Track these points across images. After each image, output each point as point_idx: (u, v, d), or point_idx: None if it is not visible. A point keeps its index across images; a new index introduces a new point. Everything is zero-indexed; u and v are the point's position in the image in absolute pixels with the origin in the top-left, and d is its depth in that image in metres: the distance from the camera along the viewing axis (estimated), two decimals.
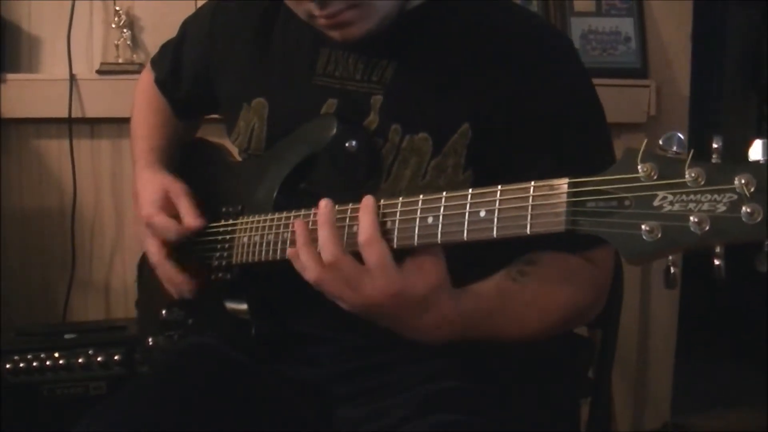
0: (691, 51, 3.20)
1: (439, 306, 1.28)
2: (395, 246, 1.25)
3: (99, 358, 2.45)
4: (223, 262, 1.61)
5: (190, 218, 1.64)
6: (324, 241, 1.29)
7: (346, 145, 1.47)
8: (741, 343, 3.80)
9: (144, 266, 1.89)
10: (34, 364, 2.43)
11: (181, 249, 1.70)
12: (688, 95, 3.21)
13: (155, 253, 1.68)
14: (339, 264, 1.27)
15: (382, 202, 1.28)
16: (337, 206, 1.34)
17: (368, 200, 1.29)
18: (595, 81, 1.54)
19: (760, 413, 3.22)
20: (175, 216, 1.66)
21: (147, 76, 1.97)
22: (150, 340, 1.82)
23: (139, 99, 1.97)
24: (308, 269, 1.32)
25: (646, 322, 3.30)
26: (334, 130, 1.48)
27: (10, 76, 2.81)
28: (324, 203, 1.32)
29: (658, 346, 3.33)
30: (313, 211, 1.37)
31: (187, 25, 1.87)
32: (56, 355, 2.45)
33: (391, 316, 1.29)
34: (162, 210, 1.67)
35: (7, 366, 2.41)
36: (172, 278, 1.67)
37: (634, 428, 3.33)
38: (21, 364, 2.42)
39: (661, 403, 3.36)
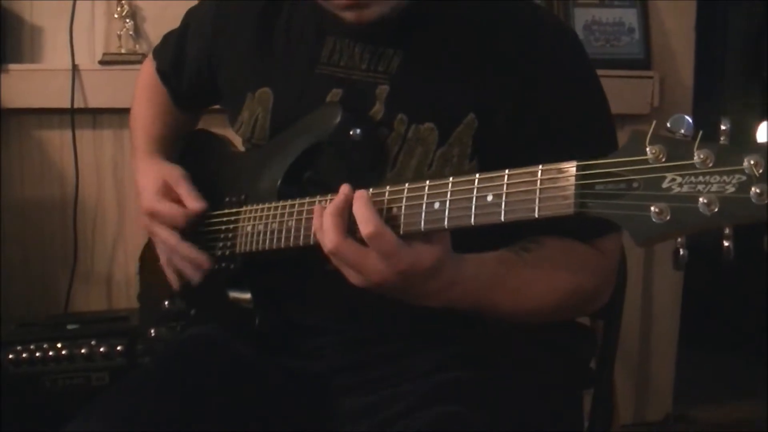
0: (694, 42, 3.20)
1: (444, 271, 1.27)
2: (401, 232, 1.24)
3: (101, 349, 2.46)
4: (227, 252, 1.61)
5: (192, 201, 1.65)
6: (326, 228, 1.28)
7: (351, 133, 1.47)
8: (744, 334, 3.80)
9: (145, 258, 1.88)
10: (37, 354, 2.43)
11: (186, 238, 1.70)
12: (691, 86, 3.21)
13: (169, 238, 1.67)
14: (340, 250, 1.27)
15: (388, 188, 1.28)
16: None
17: (360, 193, 1.28)
18: (599, 72, 1.54)
19: (762, 405, 3.22)
20: (177, 202, 1.67)
21: (148, 66, 1.96)
22: (152, 331, 1.82)
23: (139, 89, 1.97)
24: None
25: (648, 313, 3.30)
26: (338, 118, 1.48)
27: (12, 66, 2.81)
28: (345, 189, 1.30)
29: (661, 338, 3.34)
30: (324, 197, 1.37)
31: (190, 16, 1.86)
32: (58, 345, 2.45)
33: (396, 288, 1.28)
34: (164, 198, 1.68)
35: (10, 356, 2.42)
36: (194, 257, 1.65)
37: (636, 420, 3.34)
38: (23, 355, 2.43)
39: (663, 394, 3.37)
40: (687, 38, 3.19)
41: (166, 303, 1.78)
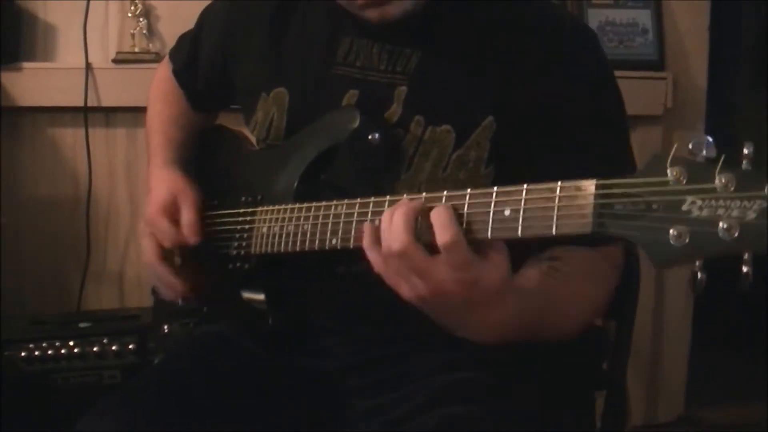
0: (708, 43, 3.19)
1: (507, 302, 1.24)
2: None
3: (113, 347, 2.48)
4: (242, 252, 1.61)
5: (189, 232, 1.64)
6: (397, 228, 1.21)
7: (369, 137, 1.46)
8: (756, 336, 3.79)
9: None
10: (49, 352, 2.45)
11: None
12: (705, 87, 3.21)
13: (150, 253, 1.68)
14: (409, 252, 1.20)
15: (405, 196, 1.26)
16: (370, 199, 1.31)
17: (441, 206, 1.21)
18: None
19: None
20: (177, 222, 1.66)
21: (164, 69, 1.96)
22: (165, 327, 1.82)
23: (155, 92, 1.97)
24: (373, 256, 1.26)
25: (660, 314, 3.30)
26: (357, 122, 1.47)
27: (25, 64, 2.82)
28: (407, 199, 1.25)
29: (673, 339, 3.34)
30: (340, 201, 1.36)
31: (204, 16, 1.86)
32: (70, 343, 2.47)
33: (456, 308, 1.24)
34: (165, 213, 1.66)
35: (22, 354, 2.43)
36: (165, 280, 1.68)
37: (648, 421, 3.34)
38: (35, 353, 2.44)
39: (675, 395, 3.37)
40: (701, 39, 3.19)
41: (180, 300, 1.78)
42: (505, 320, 1.25)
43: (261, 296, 1.59)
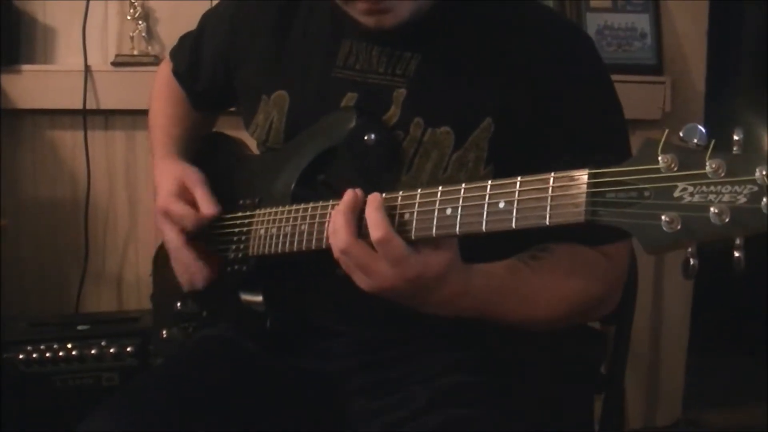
0: (706, 47, 3.19)
1: (451, 281, 1.28)
2: (413, 237, 1.24)
3: (111, 350, 2.48)
4: (240, 254, 1.61)
5: (206, 206, 1.64)
6: (337, 228, 1.29)
7: (365, 138, 1.47)
8: (754, 338, 3.79)
9: (159, 259, 1.89)
10: (47, 354, 2.46)
11: (199, 240, 1.70)
12: (703, 92, 3.20)
13: (173, 240, 1.68)
14: (350, 251, 1.27)
15: (401, 193, 1.27)
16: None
17: (374, 197, 1.28)
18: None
19: None
20: (192, 204, 1.66)
21: (166, 67, 1.97)
22: (164, 332, 1.82)
23: (157, 89, 1.97)
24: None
25: (658, 318, 3.29)
26: (353, 123, 1.48)
27: (25, 67, 2.83)
28: (349, 192, 1.31)
29: (671, 342, 3.34)
30: (337, 201, 1.37)
31: (206, 18, 1.87)
32: (69, 345, 2.47)
33: (404, 295, 1.29)
34: (179, 199, 1.67)
35: (21, 356, 2.44)
36: (189, 265, 1.67)
37: (646, 424, 3.33)
38: (34, 355, 2.45)
39: (673, 399, 3.36)
40: (699, 43, 3.18)
41: (179, 304, 1.78)
42: (453, 296, 1.30)
43: (259, 298, 1.59)
